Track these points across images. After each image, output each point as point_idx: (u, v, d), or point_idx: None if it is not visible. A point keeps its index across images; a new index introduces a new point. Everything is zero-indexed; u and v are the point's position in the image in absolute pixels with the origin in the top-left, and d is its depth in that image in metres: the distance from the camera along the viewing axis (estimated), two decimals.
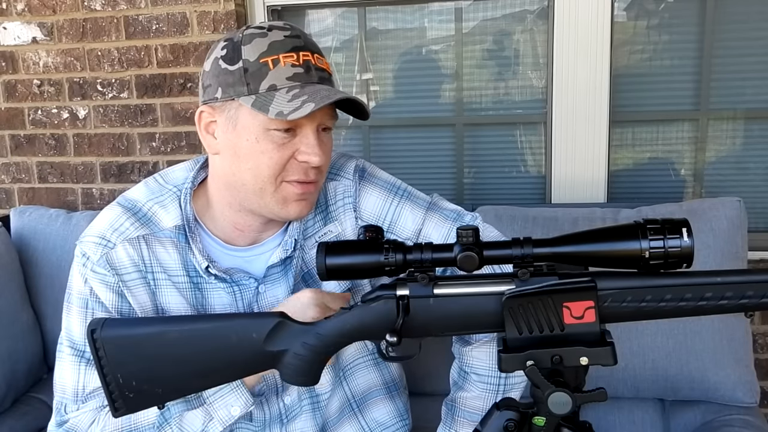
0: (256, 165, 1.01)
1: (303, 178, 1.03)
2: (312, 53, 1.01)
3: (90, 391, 1.08)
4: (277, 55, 0.98)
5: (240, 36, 1.01)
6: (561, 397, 0.77)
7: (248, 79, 0.98)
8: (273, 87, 0.98)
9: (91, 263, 1.06)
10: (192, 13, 2.02)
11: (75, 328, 1.08)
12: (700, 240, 1.51)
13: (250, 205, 1.06)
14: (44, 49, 2.14)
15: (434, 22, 2.08)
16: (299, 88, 0.98)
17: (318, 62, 1.02)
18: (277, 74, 0.98)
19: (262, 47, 0.99)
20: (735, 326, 1.54)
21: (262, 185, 1.02)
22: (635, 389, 1.58)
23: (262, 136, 1.00)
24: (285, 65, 0.98)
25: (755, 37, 1.91)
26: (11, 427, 1.74)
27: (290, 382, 0.92)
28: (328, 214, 1.15)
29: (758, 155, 1.98)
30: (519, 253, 0.79)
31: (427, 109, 2.13)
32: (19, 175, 2.25)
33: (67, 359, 1.09)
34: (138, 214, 1.10)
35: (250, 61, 0.99)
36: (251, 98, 0.98)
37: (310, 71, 1.00)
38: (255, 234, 1.11)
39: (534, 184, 2.11)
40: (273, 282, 1.11)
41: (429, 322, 0.84)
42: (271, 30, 1.01)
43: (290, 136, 1.01)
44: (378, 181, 1.18)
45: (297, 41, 1.01)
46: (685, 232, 0.75)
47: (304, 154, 1.01)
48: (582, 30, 1.91)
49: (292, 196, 1.04)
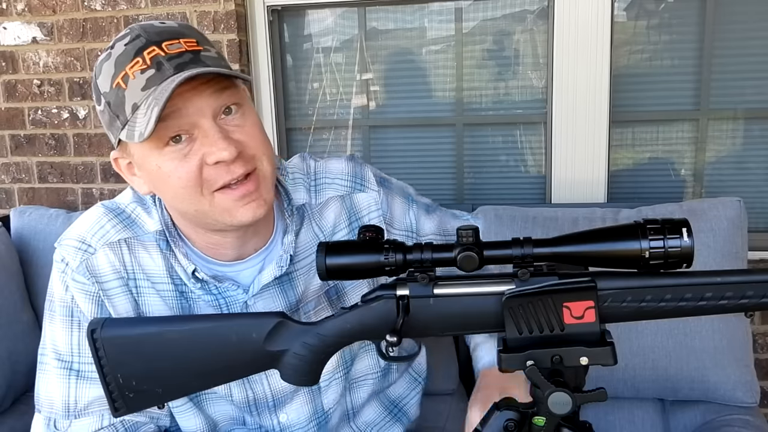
0: (174, 190, 0.91)
1: (229, 179, 0.90)
2: (159, 44, 0.87)
3: (84, 406, 1.03)
4: (124, 70, 0.87)
5: (95, 71, 0.91)
6: (561, 397, 0.77)
7: (116, 111, 0.88)
8: (135, 107, 0.87)
9: (70, 270, 1.01)
10: (192, 13, 2.02)
11: (60, 338, 1.02)
12: (700, 240, 1.51)
13: (208, 225, 0.97)
14: (44, 49, 2.13)
15: (434, 22, 2.08)
16: (152, 94, 0.85)
17: (170, 49, 0.87)
18: (132, 91, 0.86)
19: (111, 70, 0.88)
20: (735, 326, 1.54)
21: (194, 207, 0.92)
22: (635, 389, 1.58)
23: (161, 160, 0.89)
24: (135, 76, 0.86)
25: (755, 37, 1.91)
26: (11, 427, 1.74)
27: (290, 381, 0.92)
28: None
29: (758, 155, 1.98)
30: (519, 253, 0.79)
31: (427, 109, 2.13)
32: (19, 175, 2.25)
33: (53, 372, 1.03)
34: (121, 216, 1.03)
35: (108, 92, 0.89)
36: (125, 130, 0.88)
37: (162, 66, 0.86)
38: (236, 250, 1.02)
39: (534, 184, 2.11)
40: (266, 296, 1.04)
41: (429, 322, 0.84)
42: (113, 46, 0.89)
43: (187, 142, 0.89)
44: (395, 189, 1.12)
45: (138, 42, 0.88)
46: (685, 232, 0.75)
47: (210, 154, 0.88)
48: (582, 30, 1.91)
49: (233, 204, 0.92)
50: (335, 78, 2.16)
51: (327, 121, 2.19)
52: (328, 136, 2.21)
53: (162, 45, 0.87)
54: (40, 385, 1.05)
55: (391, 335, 0.81)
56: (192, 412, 1.11)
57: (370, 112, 2.17)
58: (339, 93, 2.17)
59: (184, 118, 0.87)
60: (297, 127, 2.21)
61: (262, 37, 2.09)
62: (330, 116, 2.19)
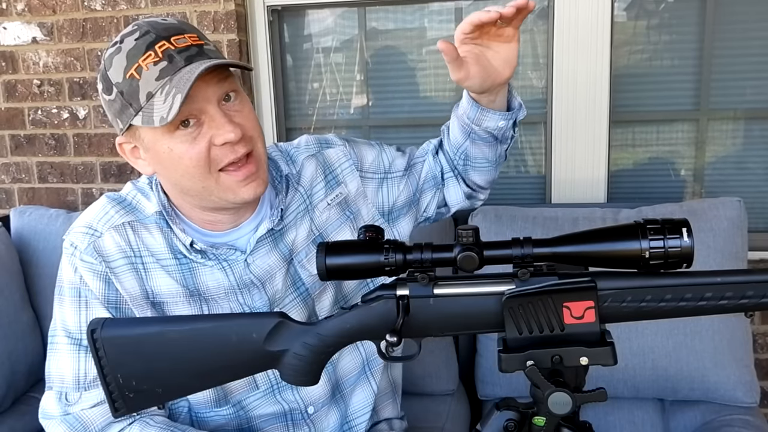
0: (184, 170, 1.01)
1: (234, 158, 1.01)
2: (168, 39, 0.97)
3: (93, 378, 1.07)
4: (137, 62, 0.96)
5: (104, 63, 1.00)
6: (561, 397, 0.77)
7: (128, 100, 0.98)
8: (149, 95, 0.96)
9: (79, 252, 1.08)
10: (192, 13, 2.02)
11: (70, 318, 1.09)
12: (700, 240, 1.51)
13: (209, 203, 1.06)
14: (44, 49, 2.14)
15: (434, 22, 2.08)
16: (170, 83, 0.95)
17: (178, 43, 0.98)
18: (147, 81, 0.96)
19: (123, 62, 0.97)
20: (735, 326, 1.54)
21: (202, 184, 1.02)
22: (635, 389, 1.58)
23: (172, 142, 0.99)
24: (148, 68, 0.96)
25: (755, 37, 1.91)
26: (11, 427, 1.74)
27: (290, 382, 0.92)
28: (334, 178, 1.19)
29: (758, 155, 1.98)
30: (519, 253, 0.79)
31: (427, 109, 2.13)
32: (19, 175, 2.25)
33: (63, 348, 1.09)
34: (123, 203, 1.12)
35: (120, 83, 0.98)
36: (140, 116, 0.97)
37: (174, 59, 0.96)
38: (230, 223, 1.11)
39: (534, 184, 2.11)
40: (262, 253, 1.12)
41: (429, 322, 0.84)
42: (123, 41, 0.99)
43: (196, 126, 0.99)
44: (360, 142, 1.26)
45: (149, 37, 0.97)
46: (685, 232, 0.75)
47: (218, 136, 0.99)
48: (582, 30, 1.91)
49: (236, 184, 1.03)
50: (335, 78, 2.16)
51: (327, 121, 2.19)
52: None
53: (171, 39, 0.97)
54: (51, 363, 1.10)
55: (391, 335, 0.81)
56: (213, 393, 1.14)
57: (370, 112, 2.17)
58: (339, 93, 2.17)
59: (193, 104, 0.97)
60: (297, 127, 2.21)
61: (262, 37, 2.09)
62: (330, 116, 2.19)
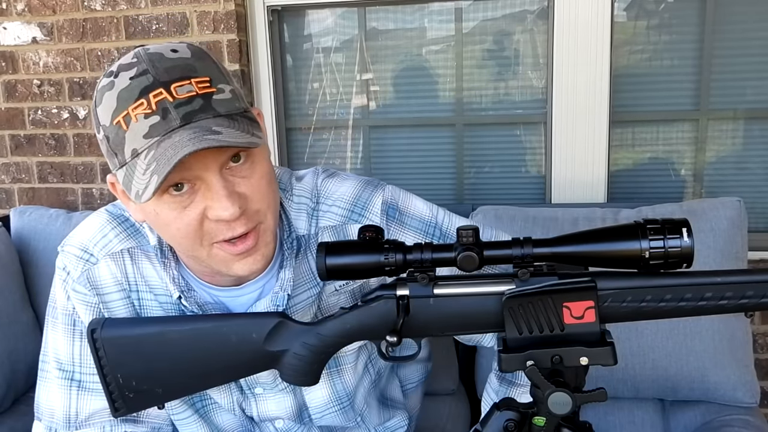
0: (171, 236, 0.88)
1: (230, 235, 0.85)
2: (167, 86, 0.80)
3: (85, 418, 1.02)
4: (126, 110, 0.79)
5: (96, 95, 0.84)
6: (561, 397, 0.77)
7: (114, 149, 0.82)
8: (135, 152, 0.80)
9: (71, 279, 1.00)
10: (192, 13, 2.02)
11: (62, 347, 1.02)
12: (700, 240, 1.51)
13: (202, 267, 0.95)
14: (44, 49, 2.13)
15: (434, 22, 2.08)
16: (156, 148, 0.78)
17: (178, 93, 0.80)
18: (134, 135, 0.79)
19: (112, 103, 0.81)
20: (735, 326, 1.54)
21: (192, 253, 0.89)
22: (635, 389, 1.58)
23: (159, 207, 0.84)
24: (138, 120, 0.79)
25: (755, 37, 1.91)
26: (11, 427, 1.74)
27: (290, 382, 0.92)
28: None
29: (758, 155, 1.98)
30: (519, 253, 0.79)
31: (427, 109, 2.13)
32: (19, 175, 2.25)
33: (54, 381, 1.02)
34: (125, 224, 1.00)
35: (107, 127, 0.82)
36: (122, 171, 0.82)
37: (168, 114, 0.79)
38: (232, 282, 0.99)
39: (534, 184, 2.11)
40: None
41: (429, 322, 0.84)
42: (117, 75, 0.82)
43: (189, 192, 0.83)
44: (410, 220, 1.02)
45: (145, 80, 0.80)
46: (685, 232, 0.75)
47: (212, 210, 0.83)
48: (582, 30, 1.91)
49: (231, 258, 0.88)
50: (335, 78, 2.16)
51: (327, 121, 2.19)
52: (328, 136, 2.21)
53: (170, 87, 0.80)
54: (41, 392, 1.04)
55: (391, 335, 0.81)
56: (196, 425, 1.10)
57: (370, 112, 2.17)
58: (339, 93, 2.17)
59: (187, 171, 0.81)
60: (297, 127, 2.21)
61: (262, 37, 2.09)
62: (330, 116, 2.19)
